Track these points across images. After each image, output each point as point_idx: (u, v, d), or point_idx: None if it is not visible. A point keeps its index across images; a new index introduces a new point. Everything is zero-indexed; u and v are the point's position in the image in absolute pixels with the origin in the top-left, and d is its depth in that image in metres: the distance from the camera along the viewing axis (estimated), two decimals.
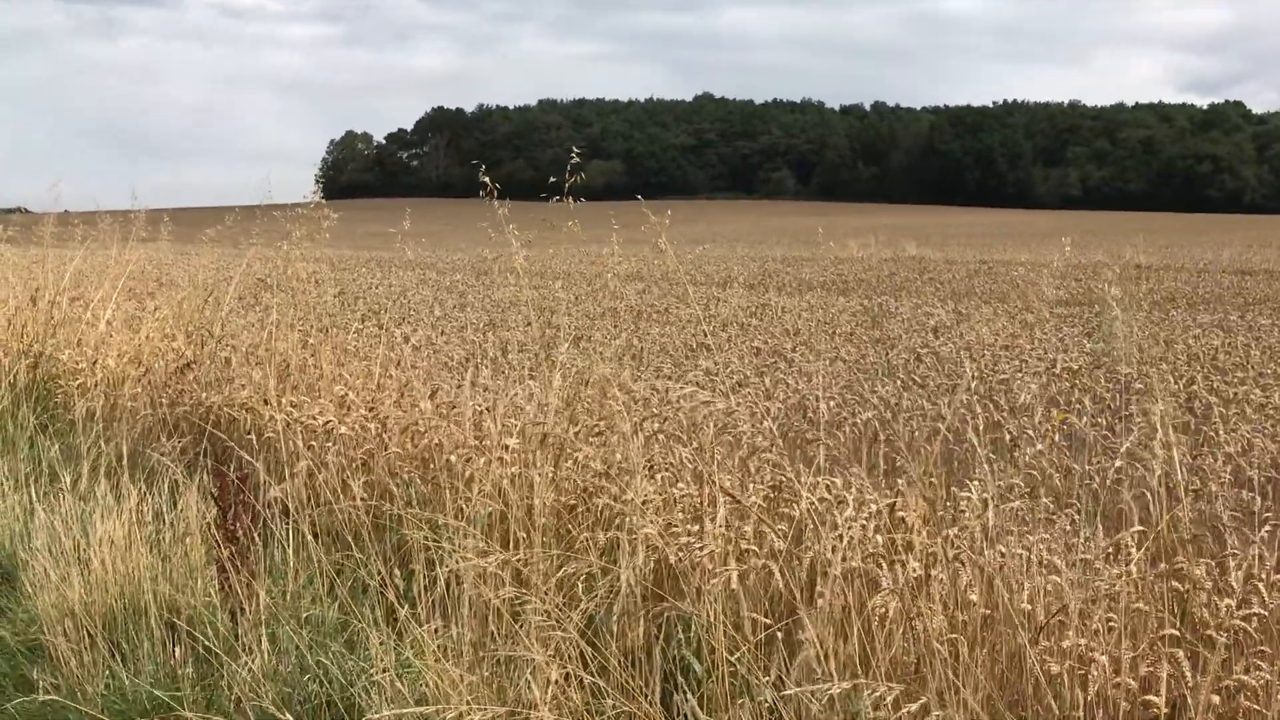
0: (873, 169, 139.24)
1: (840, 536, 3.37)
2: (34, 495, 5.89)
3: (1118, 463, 4.47)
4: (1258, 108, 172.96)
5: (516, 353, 11.27)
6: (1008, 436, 7.15)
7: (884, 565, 3.69)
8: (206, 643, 4.29)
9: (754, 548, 3.85)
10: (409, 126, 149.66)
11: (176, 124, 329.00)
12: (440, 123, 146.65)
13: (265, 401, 6.25)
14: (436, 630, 3.31)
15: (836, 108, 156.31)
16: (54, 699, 4.26)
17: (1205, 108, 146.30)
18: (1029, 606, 3.20)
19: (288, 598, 4.49)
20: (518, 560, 3.50)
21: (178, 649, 4.22)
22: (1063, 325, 13.91)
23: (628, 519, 3.90)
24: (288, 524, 4.78)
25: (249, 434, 6.29)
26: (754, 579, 3.57)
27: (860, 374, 9.51)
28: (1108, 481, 5.06)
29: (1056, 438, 5.89)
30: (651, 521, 3.96)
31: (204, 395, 6.86)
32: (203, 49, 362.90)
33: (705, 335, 12.68)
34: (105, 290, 10.66)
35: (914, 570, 3.38)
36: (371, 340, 9.67)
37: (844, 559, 3.28)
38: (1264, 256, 37.24)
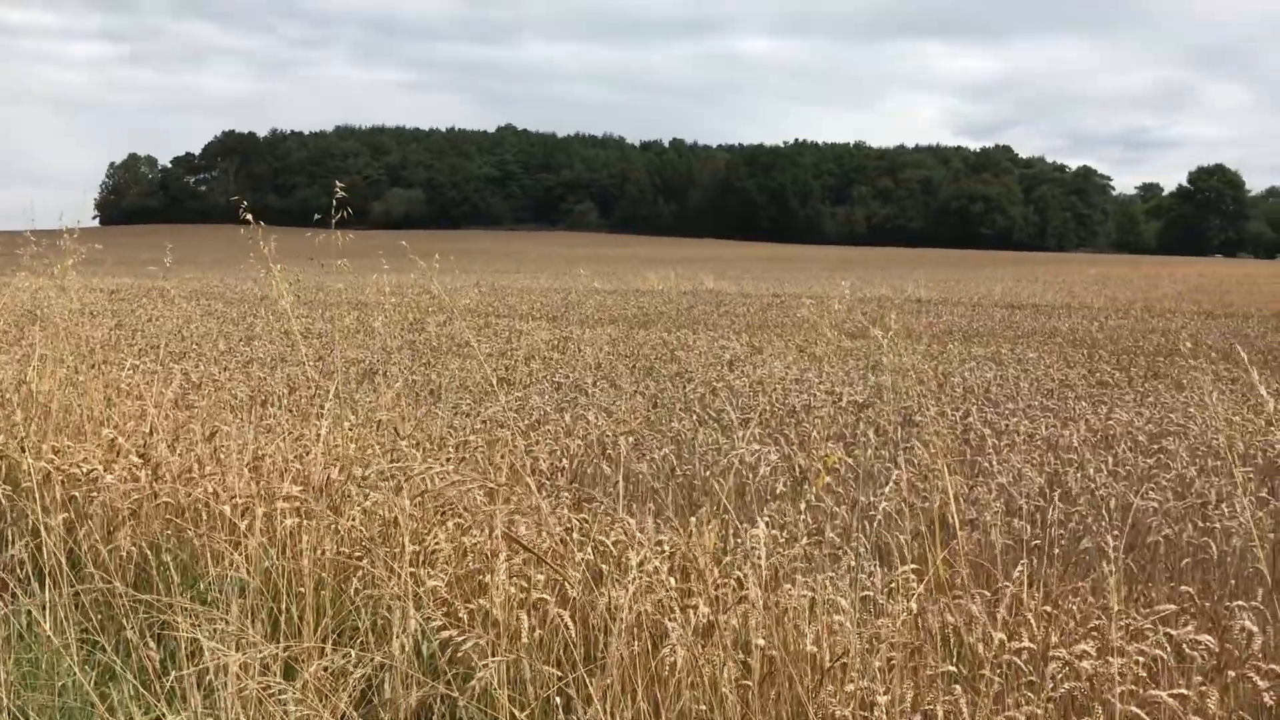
0: (672, 205, 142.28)
1: (631, 581, 3.33)
2: None
3: (882, 499, 4.61)
4: (1025, 152, 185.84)
5: (305, 389, 10.87)
6: (797, 470, 7.34)
7: (676, 610, 3.68)
8: None
9: (545, 596, 3.76)
10: (197, 150, 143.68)
11: None
12: (231, 147, 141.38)
13: (22, 449, 5.77)
14: (196, 715, 3.08)
15: (637, 143, 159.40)
16: None
17: (978, 150, 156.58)
18: (814, 649, 3.24)
19: (44, 666, 4.12)
20: (285, 652, 3.28)
21: None
22: (849, 358, 14.45)
23: (395, 585, 3.73)
24: (43, 587, 4.39)
25: (4, 484, 5.79)
26: (543, 631, 3.49)
27: (659, 408, 9.58)
28: (887, 515, 5.23)
29: (834, 476, 6.06)
30: (433, 577, 3.83)
31: None
32: None
33: (506, 370, 12.55)
34: None
35: (704, 615, 3.36)
36: (148, 377, 9.12)
37: (631, 605, 3.24)
38: (1030, 291, 39.95)
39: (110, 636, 3.86)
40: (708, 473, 7.28)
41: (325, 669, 3.05)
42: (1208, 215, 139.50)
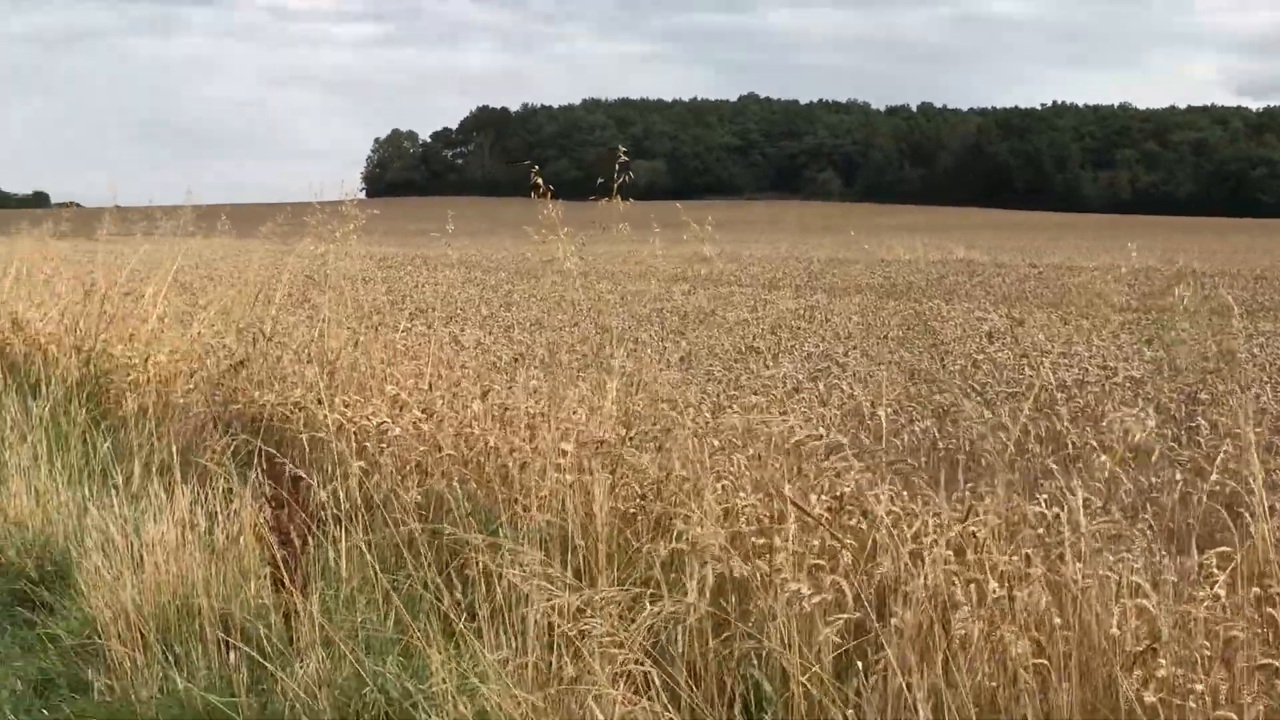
0: (919, 171, 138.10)
1: (919, 553, 3.24)
2: (87, 493, 5.87)
3: (1213, 478, 4.28)
4: None
5: (564, 354, 11.21)
6: (1070, 448, 6.96)
7: (958, 584, 3.55)
8: (260, 648, 4.23)
9: (820, 563, 3.72)
10: (454, 125, 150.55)
11: (227, 122, 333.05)
12: (485, 121, 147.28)
13: (319, 401, 6.20)
14: (500, 649, 3.22)
15: (882, 109, 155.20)
16: (109, 701, 4.22)
17: (1259, 110, 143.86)
18: (1117, 632, 3.06)
19: (340, 604, 4.42)
20: (580, 595, 3.37)
21: (232, 654, 4.16)
22: (1120, 333, 13.62)
23: (690, 531, 3.78)
24: (340, 528, 4.71)
25: (301, 434, 6.25)
26: (823, 598, 3.44)
27: (916, 380, 9.33)
28: (1183, 495, 4.88)
29: (1128, 453, 5.70)
30: (714, 533, 3.85)
31: (256, 394, 6.82)
32: (253, 48, 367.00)
33: (754, 338, 12.53)
34: (156, 286, 10.69)
35: (994, 590, 3.23)
36: (420, 339, 9.62)
37: (925, 577, 3.15)
38: None
39: (406, 574, 4.09)
40: (971, 447, 7.03)
41: (620, 614, 3.13)
42: None
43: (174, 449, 6.24)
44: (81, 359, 8.48)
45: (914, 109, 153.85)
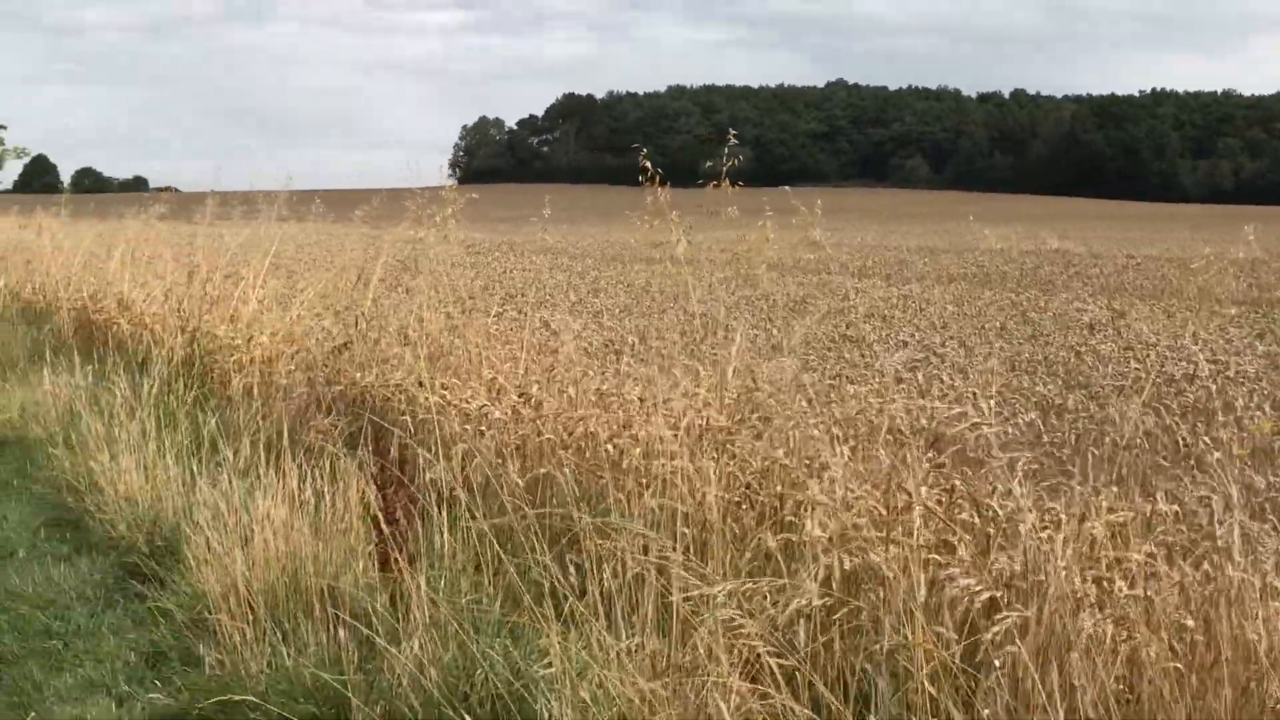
0: (1009, 158, 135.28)
1: (1051, 552, 3.13)
2: (195, 469, 5.99)
3: None
4: None
5: (655, 340, 11.17)
6: (1180, 443, 6.72)
7: (1077, 581, 3.43)
8: (368, 624, 4.27)
9: (935, 557, 3.62)
10: (540, 113, 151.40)
11: (318, 109, 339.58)
12: (570, 109, 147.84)
13: (420, 383, 6.24)
14: (617, 633, 3.18)
15: (974, 95, 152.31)
16: (219, 675, 4.29)
17: None
18: (1256, 636, 2.92)
19: (446, 584, 4.43)
20: (701, 578, 3.32)
21: (340, 631, 4.20)
22: (1228, 326, 13.14)
23: (805, 522, 3.71)
24: (444, 509, 4.72)
25: (403, 415, 6.30)
26: (968, 586, 3.34)
27: (1017, 371, 9.10)
28: None
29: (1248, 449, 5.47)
30: (823, 525, 3.78)
31: (358, 375, 6.90)
32: (345, 35, 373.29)
33: (846, 327, 12.37)
34: (255, 268, 10.88)
35: (1122, 590, 3.11)
36: (513, 325, 9.65)
37: (1064, 575, 3.03)
38: None
39: (514, 556, 4.08)
40: (1077, 441, 6.83)
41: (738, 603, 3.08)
42: None
43: (282, 428, 6.35)
44: (186, 339, 8.67)
45: (1006, 96, 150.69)
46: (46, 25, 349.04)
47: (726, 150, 5.02)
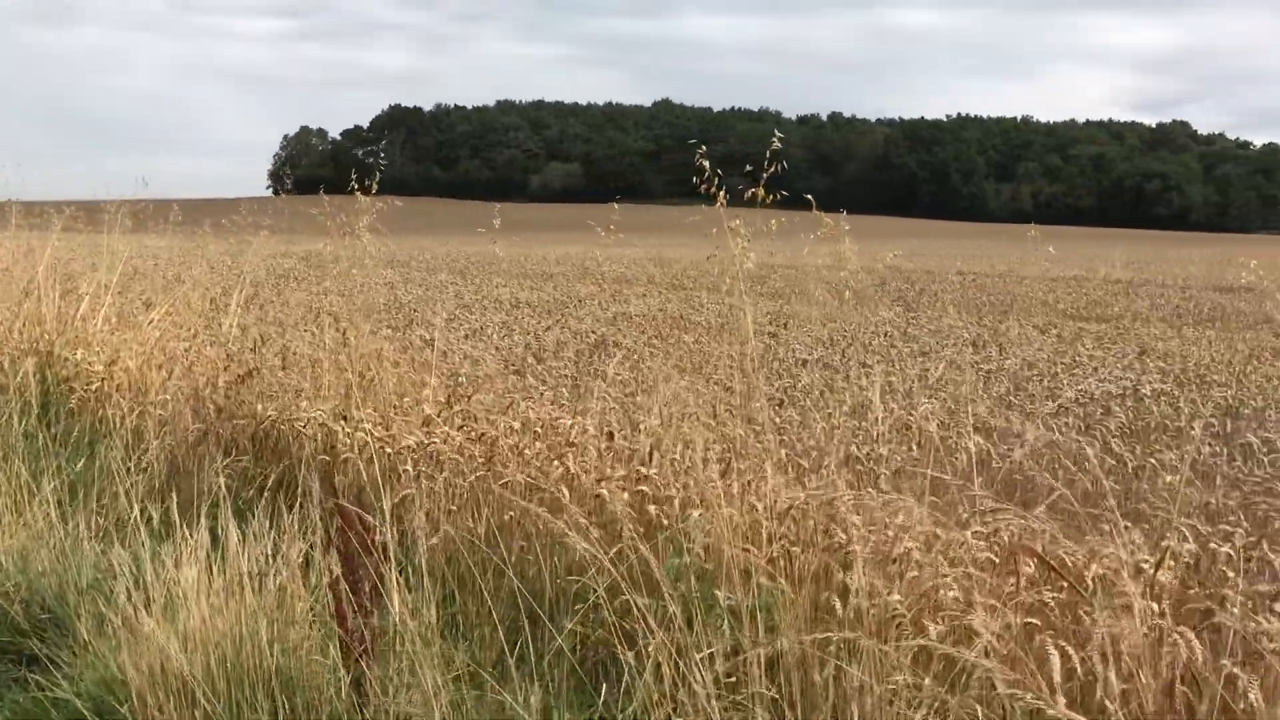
0: (827, 180, 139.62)
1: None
2: (79, 526, 5.07)
3: None
4: (1204, 129, 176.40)
5: (553, 359, 10.56)
6: (1128, 467, 6.56)
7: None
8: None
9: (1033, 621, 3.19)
10: (365, 123, 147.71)
11: (132, 115, 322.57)
12: (397, 120, 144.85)
13: (343, 417, 5.48)
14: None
15: (793, 117, 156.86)
16: None
17: (1153, 126, 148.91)
18: None
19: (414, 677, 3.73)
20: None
21: None
22: (1098, 343, 13.44)
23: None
24: (402, 577, 3.99)
25: (323, 455, 5.53)
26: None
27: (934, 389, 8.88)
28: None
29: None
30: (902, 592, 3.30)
31: (260, 408, 6.05)
32: (157, 39, 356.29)
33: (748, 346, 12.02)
34: (90, 285, 9.76)
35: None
36: (396, 345, 8.87)
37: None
38: (1235, 274, 37.33)
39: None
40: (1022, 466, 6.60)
41: None
42: None
43: (172, 469, 5.48)
44: (37, 364, 7.58)
45: (824, 118, 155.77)
46: None
47: (768, 155, 4.45)
